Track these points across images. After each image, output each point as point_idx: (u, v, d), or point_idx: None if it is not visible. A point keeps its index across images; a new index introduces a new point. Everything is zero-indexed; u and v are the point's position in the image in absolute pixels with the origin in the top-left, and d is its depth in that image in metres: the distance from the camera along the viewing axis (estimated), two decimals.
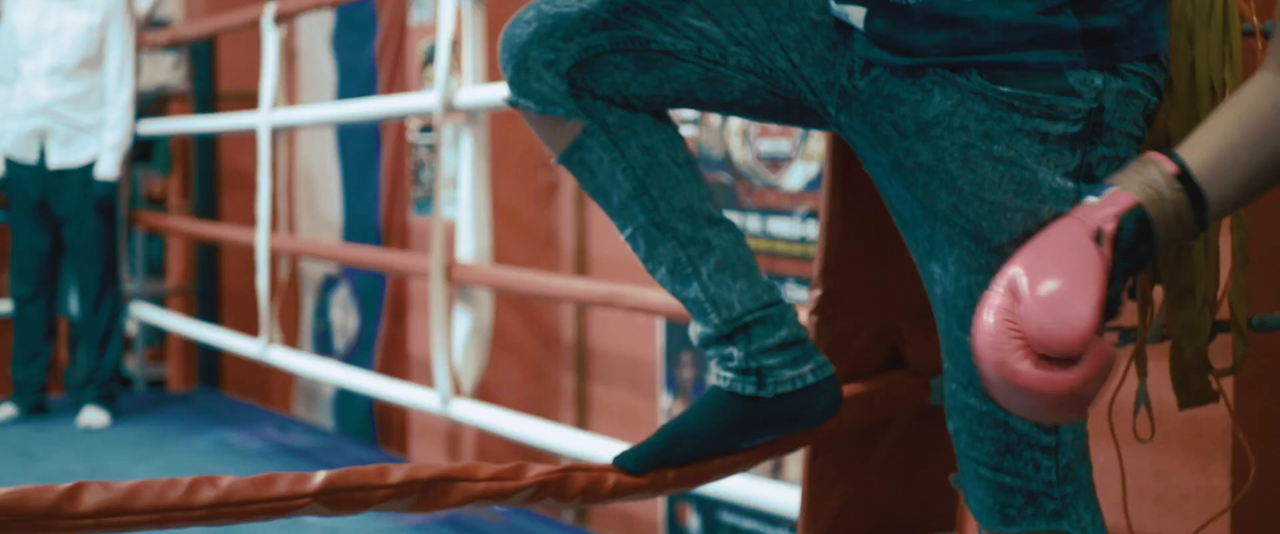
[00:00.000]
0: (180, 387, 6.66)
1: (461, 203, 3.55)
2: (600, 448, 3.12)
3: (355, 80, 5.77)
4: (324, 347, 6.03)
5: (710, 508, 4.10)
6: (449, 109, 3.45)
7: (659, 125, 1.90)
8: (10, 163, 5.34)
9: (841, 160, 2.10)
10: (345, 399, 5.91)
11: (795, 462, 3.50)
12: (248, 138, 6.44)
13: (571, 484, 1.89)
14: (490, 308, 3.62)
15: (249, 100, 6.40)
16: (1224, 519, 2.41)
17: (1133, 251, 1.54)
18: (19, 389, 5.45)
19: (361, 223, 5.73)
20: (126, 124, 5.29)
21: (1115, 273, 1.53)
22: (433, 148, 4.87)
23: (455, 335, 3.57)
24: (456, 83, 3.38)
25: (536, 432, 3.32)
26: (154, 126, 5.80)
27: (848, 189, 2.11)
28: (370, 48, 5.65)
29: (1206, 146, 1.54)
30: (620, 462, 1.93)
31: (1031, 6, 1.63)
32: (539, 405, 4.58)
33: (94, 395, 5.38)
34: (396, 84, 5.37)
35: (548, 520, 4.31)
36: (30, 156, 5.31)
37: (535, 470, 1.88)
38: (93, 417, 5.32)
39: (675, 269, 1.92)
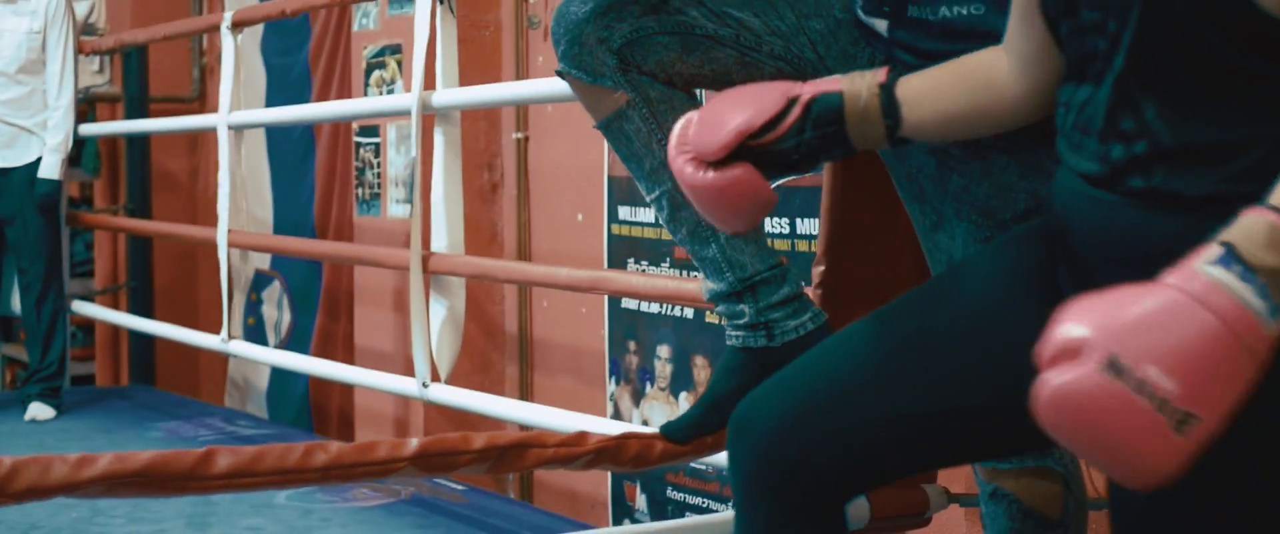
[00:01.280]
0: (108, 383, 6.79)
1: (436, 198, 3.78)
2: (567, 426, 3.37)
3: (286, 85, 5.94)
4: (256, 341, 6.20)
5: (657, 486, 4.37)
6: (425, 109, 3.68)
7: (693, 103, 2.16)
8: None
9: None
10: (279, 392, 6.09)
11: None
12: (175, 140, 6.62)
13: (625, 451, 2.15)
14: (463, 297, 3.86)
15: (175, 104, 6.58)
16: None
17: (819, 127, 1.77)
18: None
19: (293, 221, 5.91)
20: (67, 126, 5.43)
21: (799, 140, 1.77)
22: (378, 149, 5.09)
23: (432, 324, 3.80)
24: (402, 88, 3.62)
25: (515, 411, 3.56)
26: (117, 128, 5.94)
27: (848, 172, 2.38)
28: (303, 53, 5.83)
29: (921, 79, 1.79)
30: (667, 431, 2.20)
31: None
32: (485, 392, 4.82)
33: (39, 391, 5.51)
34: (334, 89, 5.57)
35: (505, 499, 4.56)
36: None
37: (594, 438, 2.14)
38: (39, 410, 5.45)
39: (695, 232, 2.17)
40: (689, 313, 4.16)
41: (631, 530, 3.74)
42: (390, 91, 4.97)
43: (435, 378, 3.80)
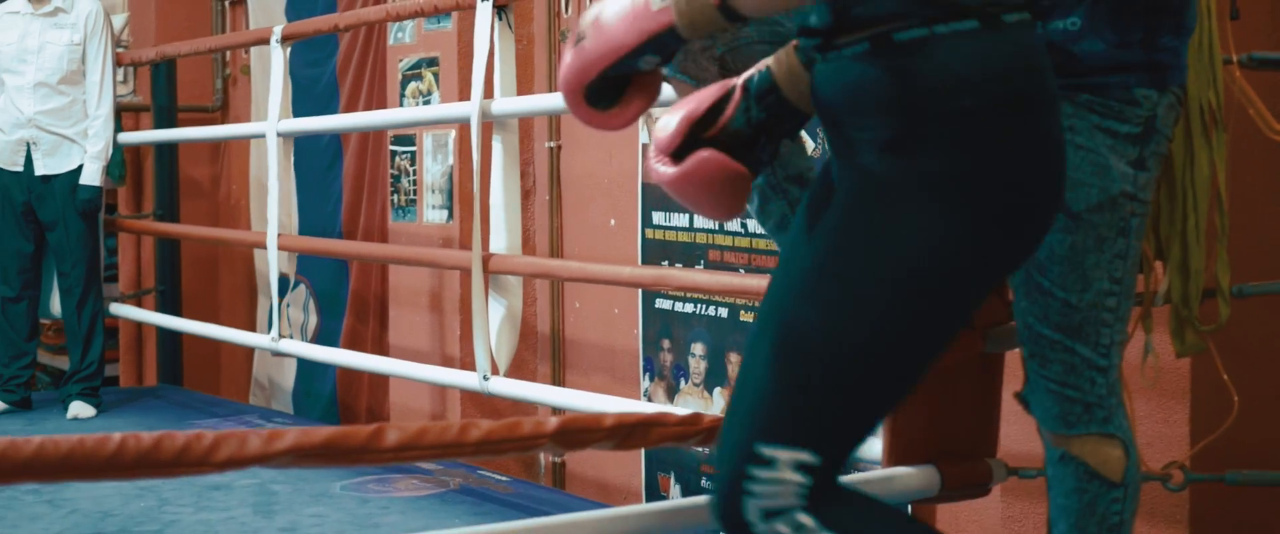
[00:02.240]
0: (131, 383, 6.99)
1: (495, 201, 4.01)
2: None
3: (313, 95, 6.16)
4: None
5: (691, 476, 4.61)
6: (485, 117, 3.92)
7: None
8: None
9: None
10: (306, 391, 6.31)
11: None
12: (198, 148, 6.83)
13: None
14: (521, 296, 4.09)
15: (199, 113, 6.79)
16: (1186, 455, 2.99)
17: (760, 98, 1.96)
18: (4, 385, 5.76)
19: (319, 227, 6.12)
20: (108, 135, 5.65)
21: (748, 118, 1.96)
22: (413, 157, 5.32)
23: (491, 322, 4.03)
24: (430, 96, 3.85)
25: (573, 400, 3.80)
26: (158, 137, 6.15)
27: None
28: (330, 65, 6.04)
29: None
30: None
31: (1111, 43, 2.19)
32: None
33: (79, 390, 5.72)
34: (362, 100, 5.78)
35: (548, 489, 4.80)
36: (16, 165, 5.63)
37: (708, 419, 2.38)
38: (80, 409, 5.65)
39: (782, 223, 2.41)
40: (723, 311, 4.40)
41: (669, 505, 3.99)
42: (426, 102, 5.20)
43: (494, 371, 4.03)
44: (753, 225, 4.28)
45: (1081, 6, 2.20)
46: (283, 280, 6.37)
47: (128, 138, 6.07)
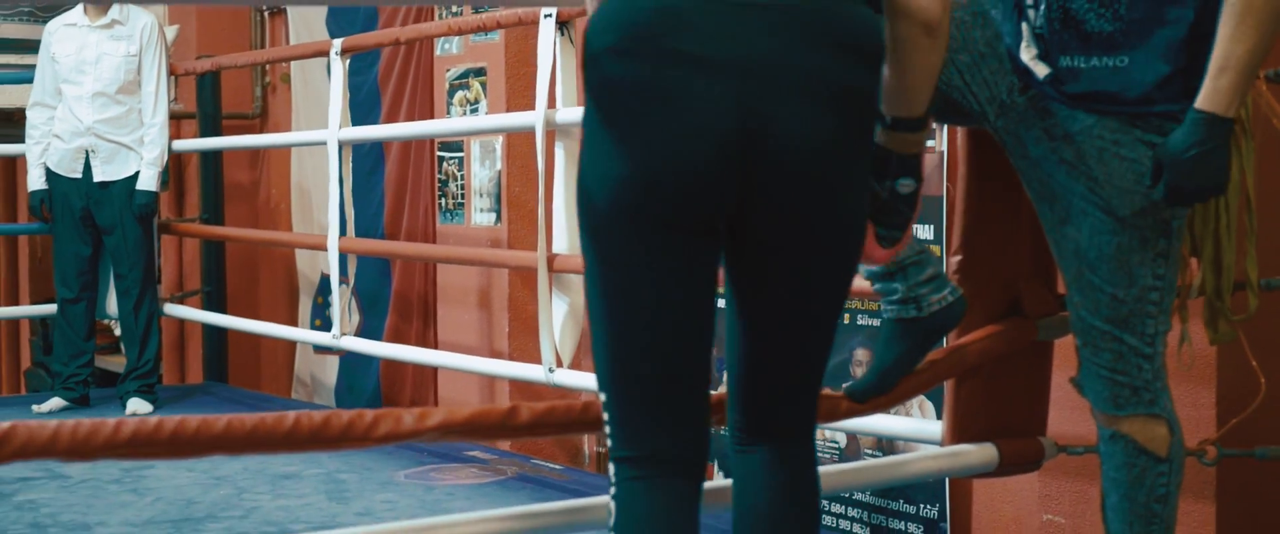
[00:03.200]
0: (174, 381, 7.25)
1: (558, 204, 4.29)
2: None
3: (355, 103, 6.40)
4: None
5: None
6: (549, 125, 4.19)
7: None
8: (56, 177, 5.90)
9: (975, 159, 2.90)
10: (349, 387, 6.57)
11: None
12: (240, 154, 7.09)
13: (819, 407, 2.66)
14: (582, 293, 4.36)
15: (239, 121, 7.05)
16: (1213, 435, 3.26)
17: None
18: (65, 383, 6.01)
19: (361, 230, 6.37)
20: (164, 142, 5.90)
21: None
22: (461, 163, 5.59)
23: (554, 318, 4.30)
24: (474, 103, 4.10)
25: None
26: (219, 143, 6.42)
27: (980, 180, 2.91)
28: (372, 73, 6.30)
29: None
30: (849, 392, 2.72)
31: (1160, 75, 2.47)
32: None
33: (137, 387, 5.97)
34: (404, 108, 6.03)
35: (601, 477, 5.06)
36: (75, 172, 5.89)
37: None
38: (138, 405, 5.91)
39: None
40: None
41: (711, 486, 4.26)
42: (474, 111, 5.46)
43: (558, 364, 4.31)
44: None
45: (1130, 47, 2.47)
46: (325, 281, 6.65)
47: (182, 144, 6.32)
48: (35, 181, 5.97)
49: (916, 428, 3.35)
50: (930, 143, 4.00)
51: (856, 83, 2.12)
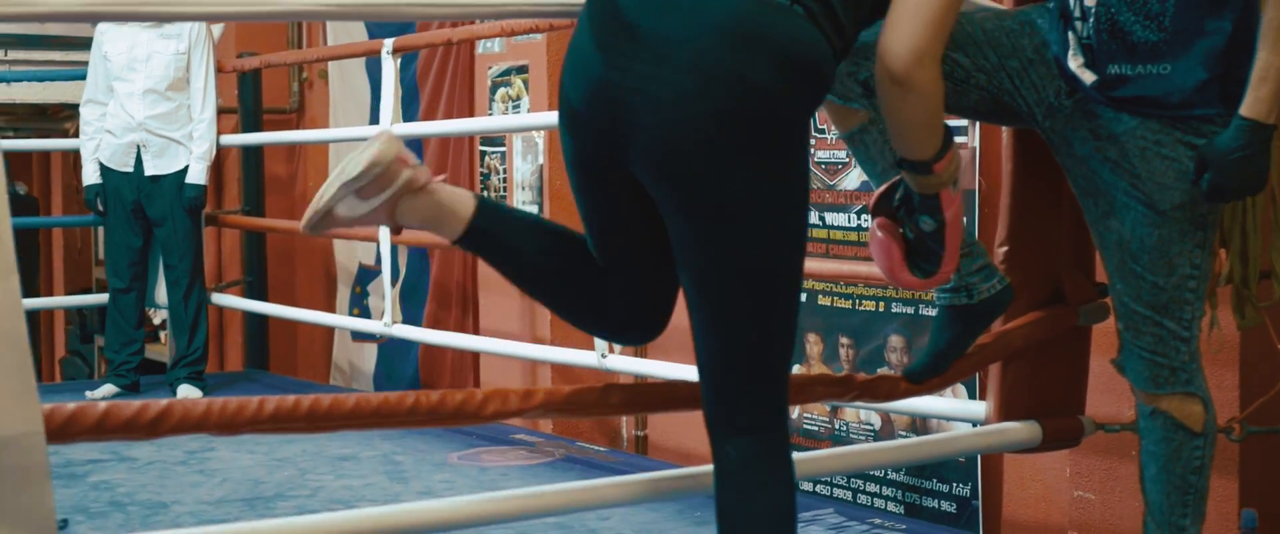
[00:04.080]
0: (213, 369, 7.46)
1: None
2: None
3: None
4: (361, 331, 6.88)
5: None
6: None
7: None
8: (108, 171, 6.12)
9: (1020, 159, 3.12)
10: (387, 374, 6.78)
11: None
12: (278, 149, 7.29)
13: (881, 389, 2.89)
14: None
15: (278, 116, 7.26)
16: (1237, 414, 3.49)
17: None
18: (116, 370, 6.23)
19: None
20: (212, 137, 6.11)
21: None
22: (504, 157, 5.80)
23: None
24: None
25: (679, 373, 4.28)
26: (265, 138, 6.63)
27: (1025, 177, 3.13)
28: (410, 70, 6.52)
29: None
30: (907, 374, 2.94)
31: (1199, 80, 2.68)
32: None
33: (187, 374, 6.19)
34: (443, 105, 6.25)
35: (646, 458, 5.28)
36: (127, 166, 6.10)
37: (861, 378, 2.88)
38: (188, 391, 6.12)
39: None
40: (801, 294, 4.89)
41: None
42: (515, 108, 5.68)
43: (610, 350, 4.53)
44: (830, 218, 4.76)
45: (1173, 56, 2.68)
46: (362, 271, 6.86)
47: (230, 139, 6.53)
48: (89, 176, 6.19)
49: (959, 408, 3.58)
50: (963, 138, 4.23)
51: (755, 77, 2.22)
